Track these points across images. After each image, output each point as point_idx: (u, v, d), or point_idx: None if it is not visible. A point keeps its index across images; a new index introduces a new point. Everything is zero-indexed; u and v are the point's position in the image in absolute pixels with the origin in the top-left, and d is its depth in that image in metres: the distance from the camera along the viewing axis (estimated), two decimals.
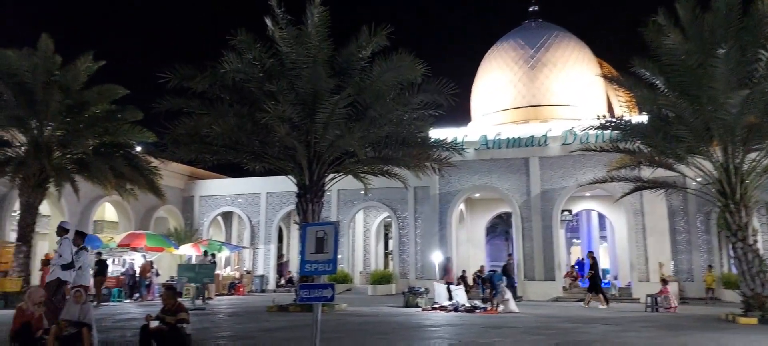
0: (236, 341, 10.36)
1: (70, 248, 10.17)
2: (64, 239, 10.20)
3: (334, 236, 7.19)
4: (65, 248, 10.02)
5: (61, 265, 9.97)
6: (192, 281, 19.12)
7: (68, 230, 10.48)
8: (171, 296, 9.04)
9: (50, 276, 10.07)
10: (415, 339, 10.82)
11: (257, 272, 31.03)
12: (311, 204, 17.20)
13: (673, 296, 18.32)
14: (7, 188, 20.95)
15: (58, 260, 9.99)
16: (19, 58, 17.96)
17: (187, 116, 16.43)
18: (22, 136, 18.72)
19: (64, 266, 9.99)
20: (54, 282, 9.99)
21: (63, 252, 9.97)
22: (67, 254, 10.07)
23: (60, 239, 10.18)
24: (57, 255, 10.07)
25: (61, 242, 10.12)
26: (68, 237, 10.30)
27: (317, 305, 6.98)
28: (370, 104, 16.52)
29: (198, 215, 33.06)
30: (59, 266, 9.97)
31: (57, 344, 8.81)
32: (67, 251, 10.06)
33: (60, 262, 9.96)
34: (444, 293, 18.20)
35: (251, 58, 16.09)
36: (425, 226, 28.08)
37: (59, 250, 10.01)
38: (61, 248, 9.99)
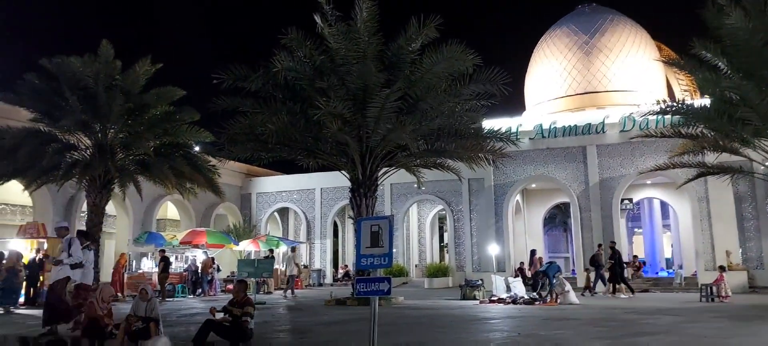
0: (296, 335, 10.51)
1: (79, 247, 10.22)
2: (73, 239, 10.26)
3: (388, 229, 7.17)
4: (76, 248, 10.06)
5: (72, 264, 10.03)
6: (252, 276, 19.52)
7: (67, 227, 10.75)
8: (242, 289, 9.25)
9: (58, 275, 10.05)
10: (474, 331, 10.71)
11: (314, 266, 31.46)
12: (365, 199, 17.25)
13: (725, 285, 17.53)
14: (75, 189, 21.92)
15: (67, 259, 9.99)
16: (82, 65, 18.72)
17: (242, 115, 16.75)
18: (88, 139, 19.52)
19: (73, 266, 10.06)
20: (63, 280, 10.06)
21: (74, 252, 9.99)
22: (79, 253, 10.12)
23: (69, 239, 10.20)
24: (65, 254, 10.04)
25: (71, 241, 10.16)
26: (73, 236, 10.38)
27: (374, 299, 6.98)
28: (421, 97, 16.42)
29: (255, 211, 33.77)
30: (69, 266, 10.02)
31: (126, 338, 9.17)
32: (77, 250, 10.11)
33: (70, 261, 9.98)
34: (502, 285, 17.95)
35: (302, 55, 16.24)
36: (481, 218, 27.78)
37: (70, 249, 9.99)
38: (72, 248, 10.00)
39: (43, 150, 18.10)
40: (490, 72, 16.21)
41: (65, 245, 10.12)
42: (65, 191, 21.94)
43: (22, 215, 23.69)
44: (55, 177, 18.98)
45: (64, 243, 10.17)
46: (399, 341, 9.23)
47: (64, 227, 10.62)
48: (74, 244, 10.07)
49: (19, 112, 19.32)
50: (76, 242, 10.19)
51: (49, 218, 22.06)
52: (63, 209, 23.13)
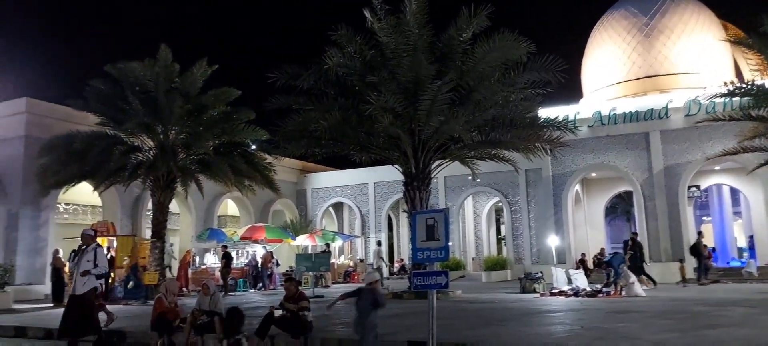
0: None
1: (105, 256, 9.84)
2: (99, 248, 9.75)
3: (444, 223, 7.10)
4: (102, 257, 9.65)
5: (98, 274, 9.55)
6: (309, 270, 19.81)
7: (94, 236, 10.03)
8: (293, 285, 9.39)
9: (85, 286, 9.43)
10: (534, 325, 10.50)
11: (370, 260, 31.63)
12: (418, 192, 17.18)
13: None
14: (141, 189, 22.80)
15: (93, 269, 9.43)
16: (143, 69, 19.46)
17: (295, 113, 16.98)
18: (151, 140, 20.26)
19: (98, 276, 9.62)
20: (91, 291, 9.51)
21: (99, 261, 9.51)
22: (104, 263, 9.74)
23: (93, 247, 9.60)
24: (91, 264, 9.44)
25: (96, 250, 9.59)
26: (99, 245, 9.89)
27: (432, 292, 6.93)
28: (474, 87, 16.19)
29: (311, 206, 34.25)
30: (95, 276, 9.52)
31: (192, 332, 9.48)
32: (103, 259, 9.71)
33: (97, 271, 9.50)
34: (563, 277, 17.56)
35: (352, 51, 16.29)
36: (539, 209, 27.25)
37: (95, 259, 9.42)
38: (98, 258, 9.48)
39: (110, 152, 18.91)
40: (545, 59, 15.82)
41: (91, 254, 9.58)
42: (131, 191, 22.84)
43: (93, 215, 24.80)
44: (121, 178, 19.80)
45: (90, 252, 9.61)
46: (458, 334, 9.15)
47: (90, 235, 10.02)
48: (100, 253, 9.67)
49: (87, 117, 20.21)
50: (101, 250, 9.82)
51: (117, 218, 23.02)
52: (130, 209, 24.07)
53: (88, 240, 9.69)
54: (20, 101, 21.62)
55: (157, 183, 20.25)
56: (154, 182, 20.29)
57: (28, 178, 20.40)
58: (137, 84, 19.57)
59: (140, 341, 10.34)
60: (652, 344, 8.05)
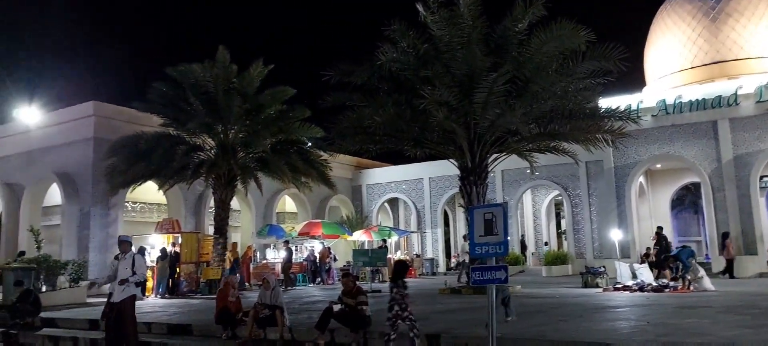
0: None
1: (143, 263, 9.75)
2: (137, 255, 9.68)
3: (502, 217, 6.98)
4: (140, 264, 9.56)
5: (136, 282, 9.50)
6: (366, 265, 19.94)
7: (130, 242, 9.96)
8: (350, 281, 9.48)
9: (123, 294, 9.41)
10: (598, 320, 10.21)
11: (426, 255, 31.57)
12: (475, 186, 16.97)
13: None
14: (203, 187, 23.52)
15: (131, 277, 9.37)
16: (203, 71, 20.03)
17: (349, 110, 17.07)
18: (211, 140, 20.87)
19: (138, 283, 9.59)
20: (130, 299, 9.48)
21: (138, 269, 9.43)
22: (143, 270, 9.64)
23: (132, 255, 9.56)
24: (129, 271, 9.36)
25: (134, 257, 9.52)
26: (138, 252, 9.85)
27: (491, 287, 6.83)
28: (531, 79, 15.84)
29: (366, 202, 34.44)
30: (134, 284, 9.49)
31: (255, 325, 9.71)
32: (142, 266, 9.63)
33: (135, 279, 9.43)
34: (627, 272, 17.01)
35: (405, 46, 16.23)
36: (601, 202, 26.50)
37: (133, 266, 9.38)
38: (136, 265, 9.41)
39: (173, 152, 19.56)
40: (605, 48, 15.30)
41: (129, 262, 9.47)
42: (194, 189, 23.62)
43: (159, 213, 25.72)
44: (184, 176, 20.46)
45: (128, 259, 9.49)
46: (518, 329, 9.00)
47: (127, 241, 9.92)
48: (138, 260, 9.57)
49: (150, 118, 20.98)
50: (139, 258, 9.70)
51: (182, 215, 23.80)
52: (193, 206, 24.85)
53: (125, 247, 9.62)
54: (88, 105, 22.64)
55: (218, 181, 20.85)
56: (216, 180, 20.90)
57: (98, 178, 21.36)
58: (197, 85, 20.17)
59: (206, 334, 10.65)
60: (724, 341, 7.69)
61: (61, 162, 22.59)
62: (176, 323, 11.62)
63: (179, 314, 13.58)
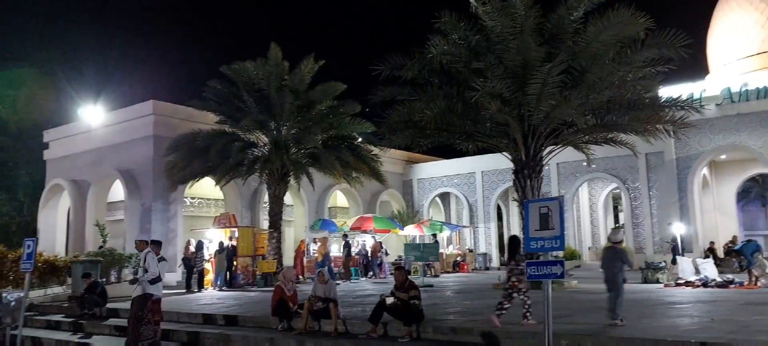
0: (466, 316, 10.48)
1: (155, 262, 9.84)
2: (149, 253, 9.81)
3: (558, 211, 6.81)
4: (152, 263, 9.70)
5: (150, 280, 9.68)
6: (418, 260, 19.91)
7: (148, 242, 10.15)
8: (402, 275, 9.49)
9: (136, 291, 9.71)
10: (658, 316, 9.86)
11: (479, 250, 31.27)
12: (529, 180, 16.66)
13: None
14: (257, 182, 24.00)
15: (144, 275, 9.62)
16: (255, 69, 20.43)
17: (399, 104, 17.01)
18: (265, 136, 21.27)
19: (152, 281, 9.73)
20: (141, 298, 9.67)
21: (150, 267, 9.63)
22: (155, 268, 9.77)
23: (145, 253, 9.78)
24: (142, 270, 9.70)
25: (146, 256, 9.73)
26: (150, 250, 9.95)
27: (547, 282, 6.68)
28: (587, 68, 15.39)
29: (417, 196, 34.37)
30: (148, 281, 9.67)
31: (309, 318, 9.85)
32: (154, 265, 9.75)
33: (147, 277, 9.61)
34: (689, 267, 16.38)
35: (456, 38, 16.04)
36: (661, 195, 25.60)
37: (145, 265, 9.67)
38: (148, 263, 9.64)
39: (228, 149, 20.05)
40: (665, 34, 14.72)
41: (142, 261, 9.76)
42: (249, 185, 24.13)
43: (216, 208, 26.39)
44: (239, 172, 20.95)
45: (142, 258, 9.79)
46: (575, 325, 8.79)
47: (142, 240, 10.18)
48: (149, 259, 9.68)
49: (206, 116, 21.54)
50: (151, 255, 9.78)
51: (238, 210, 24.36)
52: (248, 201, 25.40)
53: (140, 246, 9.88)
54: (147, 104, 23.43)
55: (271, 176, 21.25)
56: (269, 176, 21.31)
57: (158, 174, 22.10)
58: (251, 83, 20.60)
59: (262, 325, 10.87)
60: None
61: (123, 159, 23.47)
62: (234, 314, 11.90)
63: (236, 305, 13.91)
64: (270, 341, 9.76)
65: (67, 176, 25.51)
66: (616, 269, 9.01)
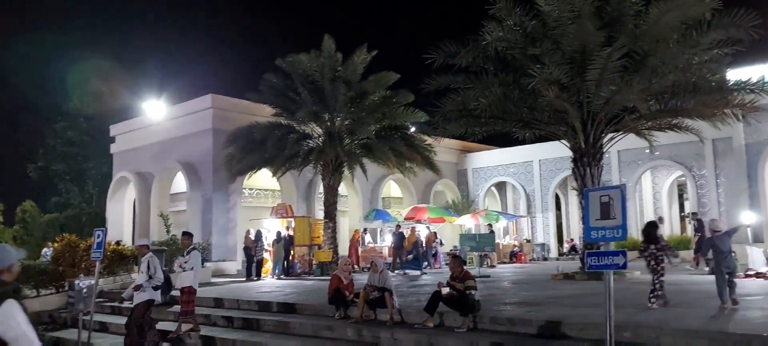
0: (524, 307, 10.33)
1: (159, 266, 9.34)
2: (152, 258, 9.28)
3: (620, 200, 6.59)
4: (156, 267, 9.14)
5: (154, 286, 9.15)
6: (474, 250, 19.75)
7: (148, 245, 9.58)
8: (458, 265, 9.44)
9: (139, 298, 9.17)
10: (730, 310, 9.43)
11: (537, 240, 30.75)
12: (589, 168, 16.22)
13: None
14: (312, 173, 24.34)
15: (146, 282, 9.08)
16: (309, 60, 20.66)
17: (453, 92, 16.82)
18: (319, 128, 21.52)
19: (155, 287, 9.22)
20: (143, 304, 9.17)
21: (153, 272, 9.06)
22: (160, 273, 9.25)
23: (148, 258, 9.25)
24: (144, 276, 9.11)
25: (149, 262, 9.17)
26: (152, 255, 9.38)
27: (608, 273, 6.49)
28: (649, 52, 14.79)
29: (472, 186, 34.05)
30: (151, 287, 9.16)
31: (365, 306, 9.94)
32: (158, 269, 9.21)
33: (151, 283, 9.08)
34: (760, 257, 15.61)
35: (512, 24, 15.71)
36: (730, 183, 24.46)
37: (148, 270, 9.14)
38: (151, 268, 9.11)
39: (284, 141, 20.42)
40: (733, 15, 13.97)
41: (144, 265, 9.19)
42: (304, 175, 24.50)
43: (273, 198, 26.95)
44: (295, 164, 21.30)
45: (143, 263, 9.23)
46: (638, 318, 8.52)
47: (143, 245, 9.67)
48: (153, 263, 9.15)
49: (263, 109, 21.98)
50: (154, 260, 9.27)
51: (294, 200, 24.78)
52: (304, 192, 25.81)
53: (142, 250, 9.33)
54: (206, 98, 24.09)
55: (326, 167, 21.50)
56: (324, 167, 21.57)
57: (217, 166, 22.73)
58: (305, 75, 20.85)
59: (319, 313, 11.04)
60: None
61: (185, 152, 24.25)
62: (292, 302, 12.14)
63: (294, 294, 14.18)
64: (328, 329, 9.92)
65: (132, 169, 26.56)
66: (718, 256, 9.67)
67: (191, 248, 10.20)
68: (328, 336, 9.75)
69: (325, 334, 9.85)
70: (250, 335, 10.25)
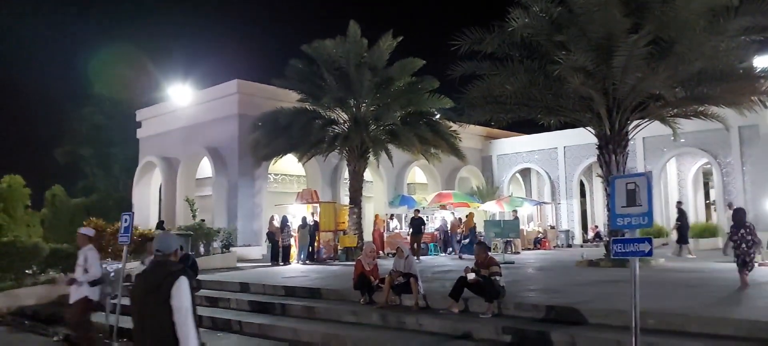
0: (549, 294, 10.43)
1: (97, 260, 8.39)
2: (90, 250, 8.35)
3: (646, 187, 6.64)
4: (94, 263, 8.25)
5: (89, 281, 8.21)
6: (498, 236, 19.82)
7: (91, 236, 8.64)
8: (483, 251, 9.56)
9: (75, 296, 8.26)
10: (754, 297, 9.43)
11: (561, 227, 30.67)
12: (614, 155, 16.17)
13: None
14: (338, 159, 24.54)
15: (82, 276, 8.17)
16: (335, 46, 20.76)
17: (479, 79, 16.83)
18: (344, 114, 21.67)
19: (92, 283, 8.26)
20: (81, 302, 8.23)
21: (90, 266, 8.19)
22: (97, 269, 8.30)
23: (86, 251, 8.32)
24: (80, 270, 8.21)
25: (87, 255, 8.26)
26: (92, 248, 8.46)
27: (634, 260, 6.56)
28: (676, 39, 14.63)
29: (497, 173, 34.00)
30: (87, 283, 8.19)
31: (391, 292, 10.11)
32: (94, 264, 8.26)
33: (86, 278, 8.17)
34: None
35: (537, 10, 15.63)
36: (756, 170, 24.14)
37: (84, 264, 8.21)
38: (89, 262, 8.20)
39: (310, 126, 20.62)
40: (761, 1, 13.78)
41: (82, 259, 8.26)
42: (330, 161, 24.75)
43: (298, 184, 27.26)
44: (320, 149, 21.53)
45: (81, 256, 8.29)
46: (664, 305, 8.57)
47: (84, 235, 8.53)
48: (91, 256, 8.26)
49: (288, 95, 22.17)
50: (92, 253, 8.33)
51: (319, 186, 25.04)
52: (329, 177, 26.05)
53: (82, 241, 8.42)
54: (232, 83, 24.37)
55: (351, 153, 21.68)
56: (349, 152, 21.75)
57: (243, 152, 23.04)
58: (330, 61, 20.98)
59: (344, 298, 11.24)
60: None
61: (210, 137, 24.59)
62: (317, 287, 12.36)
63: (319, 279, 14.42)
64: (353, 314, 10.08)
65: (158, 153, 26.98)
66: None
67: None
68: (354, 321, 9.87)
69: (350, 319, 9.97)
70: (276, 320, 10.45)
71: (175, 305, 4.08)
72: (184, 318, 4.10)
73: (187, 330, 4.10)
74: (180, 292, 4.11)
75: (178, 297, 4.09)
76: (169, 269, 4.26)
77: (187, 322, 4.10)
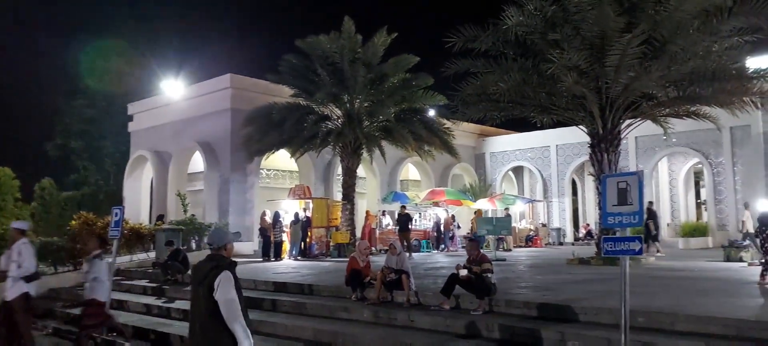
0: (539, 291, 10.46)
1: (32, 255, 8.21)
2: (24, 245, 8.14)
3: (637, 186, 6.68)
4: (28, 256, 8.08)
5: (24, 276, 8.01)
6: (491, 234, 19.87)
7: (25, 230, 8.37)
8: (474, 248, 9.58)
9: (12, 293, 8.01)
10: (742, 296, 9.49)
11: (552, 225, 30.79)
12: (606, 154, 16.24)
13: None
14: (331, 155, 24.50)
15: (15, 271, 7.94)
16: (329, 42, 20.71)
17: (473, 76, 16.82)
18: (338, 109, 21.63)
19: (27, 278, 8.08)
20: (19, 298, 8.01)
21: (23, 261, 7.99)
22: (30, 263, 8.12)
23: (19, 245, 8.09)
24: (14, 265, 7.97)
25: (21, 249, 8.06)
26: (26, 241, 8.23)
27: (624, 258, 6.60)
28: (669, 39, 14.71)
29: (490, 170, 34.07)
30: (21, 279, 8.00)
31: (382, 288, 10.13)
32: (28, 258, 8.08)
33: (20, 273, 7.95)
34: None
35: (532, 8, 15.64)
36: (747, 171, 24.29)
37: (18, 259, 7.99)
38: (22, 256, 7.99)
39: (303, 122, 20.57)
40: (755, 2, 13.84)
41: (15, 253, 8.01)
42: (323, 157, 24.69)
43: (291, 179, 27.20)
44: (314, 145, 21.49)
45: (14, 251, 8.03)
46: (653, 303, 8.62)
47: (17, 229, 8.30)
48: (26, 251, 8.07)
49: (282, 90, 22.12)
50: (27, 248, 8.13)
51: (312, 182, 25.00)
52: (322, 173, 26.01)
53: (14, 236, 8.19)
54: (225, 78, 24.25)
55: (344, 149, 21.66)
56: (343, 149, 21.73)
57: (235, 146, 22.95)
58: (325, 56, 20.94)
59: (336, 295, 11.24)
60: None
61: (202, 132, 24.47)
62: (309, 283, 12.35)
63: (311, 275, 14.40)
64: (345, 310, 10.09)
65: (150, 147, 26.79)
66: None
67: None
68: (345, 317, 9.87)
69: (342, 315, 9.96)
70: (267, 316, 10.40)
71: (219, 297, 4.22)
72: (231, 311, 4.21)
73: (235, 323, 4.20)
74: (222, 285, 4.24)
75: (220, 290, 4.23)
76: (215, 263, 4.38)
77: (234, 314, 4.22)
